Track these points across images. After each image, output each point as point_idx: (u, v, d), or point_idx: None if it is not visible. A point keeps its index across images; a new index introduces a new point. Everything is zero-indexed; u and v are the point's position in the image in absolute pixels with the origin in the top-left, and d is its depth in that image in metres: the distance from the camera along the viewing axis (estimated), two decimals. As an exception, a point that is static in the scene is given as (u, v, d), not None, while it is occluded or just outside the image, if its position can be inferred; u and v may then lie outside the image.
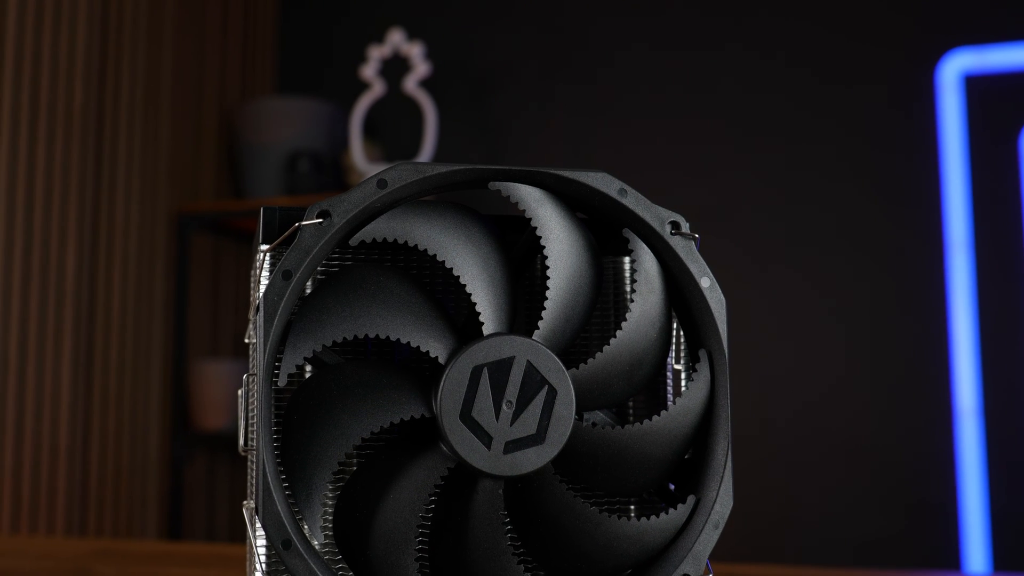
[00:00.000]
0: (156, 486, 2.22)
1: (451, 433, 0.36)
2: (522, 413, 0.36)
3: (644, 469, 0.39)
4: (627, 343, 0.38)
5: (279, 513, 0.34)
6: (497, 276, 0.37)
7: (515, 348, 0.36)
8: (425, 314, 0.37)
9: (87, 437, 2.02)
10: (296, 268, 0.35)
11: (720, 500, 0.39)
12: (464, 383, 0.36)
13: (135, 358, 2.16)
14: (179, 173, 2.33)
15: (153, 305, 2.22)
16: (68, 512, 1.96)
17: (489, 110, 2.54)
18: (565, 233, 0.38)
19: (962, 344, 2.17)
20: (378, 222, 0.36)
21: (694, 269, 0.39)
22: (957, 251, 2.19)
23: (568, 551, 0.38)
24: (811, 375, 2.28)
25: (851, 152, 2.30)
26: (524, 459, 0.36)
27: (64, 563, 0.86)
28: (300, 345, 0.35)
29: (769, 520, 2.27)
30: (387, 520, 0.36)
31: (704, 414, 0.39)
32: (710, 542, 0.38)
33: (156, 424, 2.22)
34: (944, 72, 2.26)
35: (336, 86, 2.59)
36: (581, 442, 0.37)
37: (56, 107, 1.97)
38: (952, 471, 2.16)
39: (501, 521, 0.37)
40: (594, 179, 0.38)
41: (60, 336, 1.95)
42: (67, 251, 1.98)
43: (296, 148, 2.33)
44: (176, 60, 2.33)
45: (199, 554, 0.94)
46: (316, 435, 0.36)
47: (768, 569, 0.81)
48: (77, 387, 1.99)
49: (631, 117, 2.45)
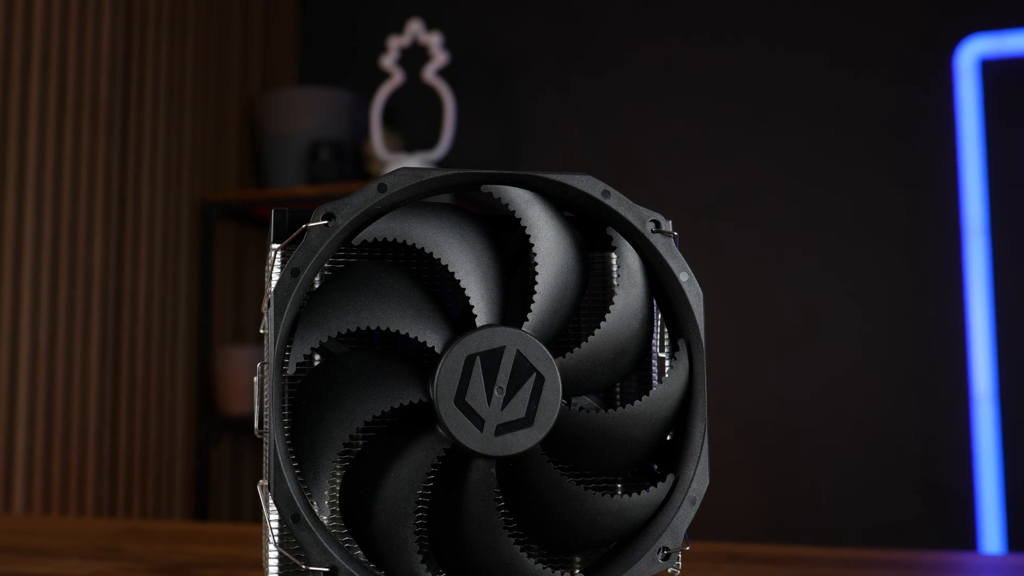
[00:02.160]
0: (182, 469, 2.26)
1: (446, 417, 0.39)
2: (512, 398, 0.39)
3: (627, 450, 0.42)
4: (611, 333, 0.41)
5: (289, 490, 0.37)
6: (489, 272, 0.41)
7: (506, 338, 0.39)
8: (423, 307, 0.40)
9: (115, 422, 2.06)
10: (303, 266, 0.38)
11: (697, 478, 0.42)
12: (458, 371, 0.39)
13: (161, 344, 2.20)
14: (203, 163, 2.36)
15: (178, 293, 2.26)
16: (97, 494, 2.00)
17: (507, 98, 2.56)
18: (553, 232, 0.41)
19: (978, 328, 2.18)
20: (379, 223, 0.40)
21: (673, 264, 0.42)
22: (973, 235, 2.20)
23: (556, 525, 0.41)
24: (828, 359, 2.30)
25: (868, 137, 2.30)
26: (514, 440, 0.39)
27: (94, 541, 0.90)
28: (308, 336, 0.39)
29: (786, 503, 2.29)
30: (388, 496, 0.39)
31: (683, 399, 0.42)
32: (688, 517, 0.41)
33: (182, 409, 2.26)
34: (961, 57, 2.26)
35: (356, 76, 2.61)
36: (568, 425, 0.41)
37: (82, 100, 2.00)
38: (968, 454, 2.18)
39: (493, 498, 0.40)
40: (579, 181, 0.41)
41: (88, 324, 1.99)
42: (94, 241, 2.02)
43: (317, 137, 2.36)
44: (199, 52, 2.36)
45: (222, 533, 0.97)
46: (323, 418, 0.39)
47: (784, 549, 0.83)
48: (105, 373, 2.03)
49: (648, 104, 2.46)
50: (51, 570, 0.75)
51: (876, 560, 0.77)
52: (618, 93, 2.49)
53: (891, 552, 0.81)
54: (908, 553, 0.82)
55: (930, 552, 0.85)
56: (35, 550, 0.85)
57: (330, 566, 0.38)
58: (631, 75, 2.48)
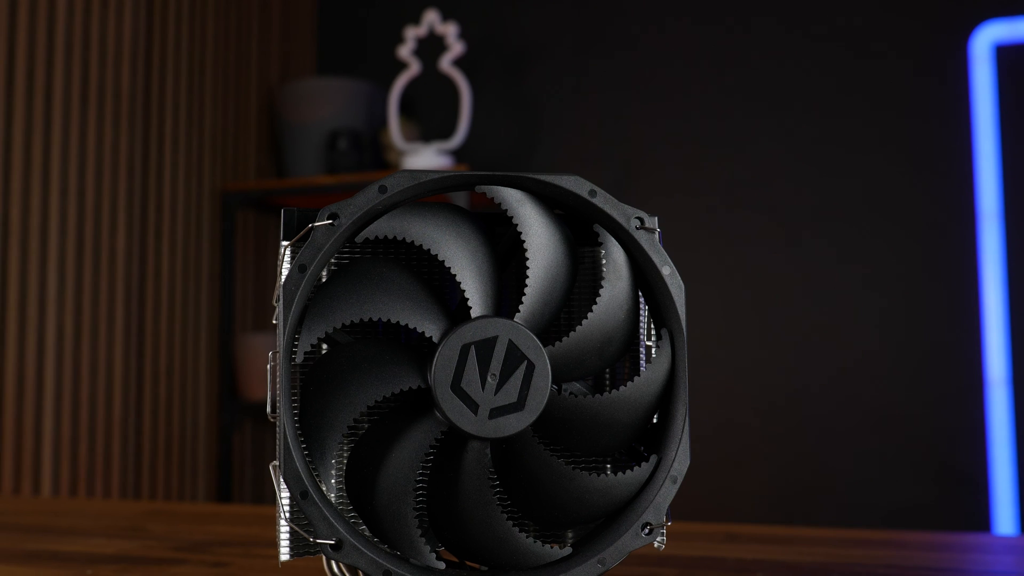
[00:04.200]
0: (205, 453, 2.30)
1: (443, 402, 0.42)
2: (504, 384, 0.42)
3: (613, 433, 0.45)
4: (598, 323, 0.44)
5: (298, 469, 0.41)
6: (484, 267, 0.44)
7: (499, 328, 0.43)
8: (421, 300, 0.43)
9: (139, 407, 2.10)
10: (310, 262, 0.42)
11: (678, 458, 0.45)
12: (454, 359, 0.42)
13: (184, 331, 2.24)
14: (223, 153, 2.40)
15: (200, 280, 2.29)
16: (122, 478, 2.05)
17: (522, 87, 2.58)
18: (543, 229, 0.44)
19: (992, 314, 2.19)
20: (380, 222, 0.43)
21: (656, 259, 0.45)
22: (988, 221, 2.21)
23: (546, 503, 0.44)
24: (843, 344, 2.31)
25: (883, 123, 2.31)
26: (507, 423, 0.42)
27: (119, 521, 0.93)
28: (314, 327, 0.42)
29: (802, 487, 2.31)
30: (390, 475, 0.42)
31: (666, 385, 0.45)
32: (669, 495, 0.44)
33: (204, 394, 2.30)
34: (976, 43, 2.26)
35: (373, 66, 2.64)
36: (557, 409, 0.44)
37: (105, 91, 2.04)
38: (982, 439, 2.19)
39: (487, 477, 0.43)
40: (567, 182, 0.44)
41: (112, 312, 2.03)
42: (118, 230, 2.06)
43: (335, 127, 2.38)
44: (219, 43, 2.39)
45: (243, 514, 1.01)
46: (329, 403, 0.42)
47: (782, 529, 0.85)
48: (129, 360, 2.07)
49: (664, 92, 2.48)
50: (80, 548, 0.78)
51: (871, 540, 0.80)
52: (634, 81, 2.50)
53: (906, 533, 0.83)
54: (921, 534, 0.83)
55: (944, 534, 0.86)
56: (65, 530, 0.89)
57: (336, 539, 0.41)
58: (647, 63, 2.50)
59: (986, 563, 0.73)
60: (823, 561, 0.70)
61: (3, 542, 0.81)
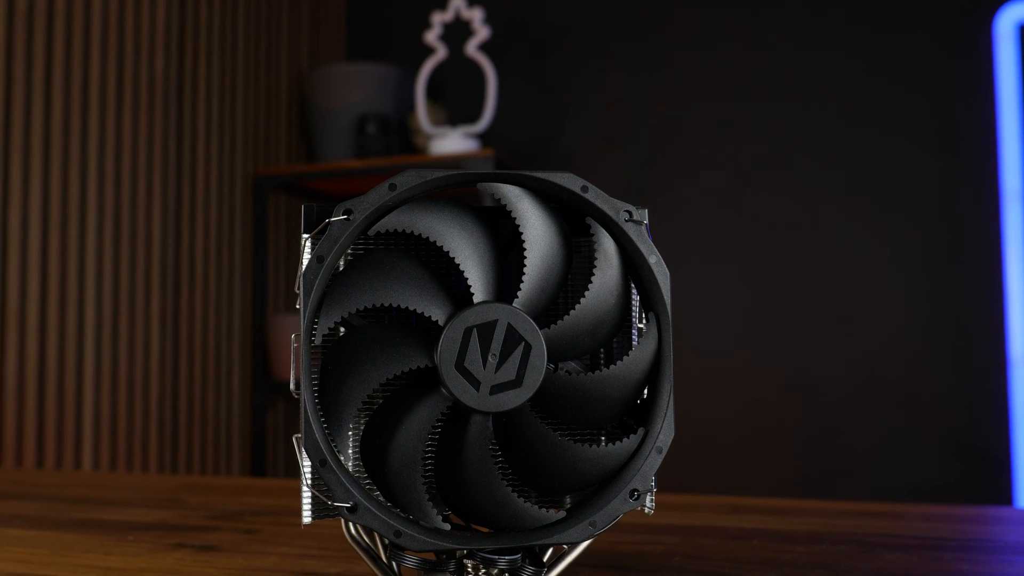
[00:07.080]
0: (239, 430, 2.37)
1: (448, 379, 0.46)
2: (504, 363, 0.47)
3: (604, 407, 0.49)
4: (590, 308, 0.49)
5: (317, 440, 0.45)
6: (485, 256, 0.48)
7: (499, 313, 0.47)
8: (428, 287, 0.47)
9: (175, 386, 2.16)
10: (327, 254, 0.46)
11: (664, 431, 0.49)
12: (458, 340, 0.46)
13: (217, 313, 2.30)
14: (255, 138, 2.45)
15: (233, 263, 2.35)
16: (160, 454, 2.11)
17: (548, 71, 2.61)
18: (540, 221, 0.48)
19: (1015, 293, 2.20)
20: (391, 216, 0.47)
21: (643, 248, 0.49)
22: (1012, 200, 2.22)
23: (542, 471, 0.48)
24: (867, 323, 2.33)
25: (907, 103, 2.32)
26: (506, 399, 0.47)
27: (157, 493, 0.99)
28: (332, 312, 0.46)
29: (826, 466, 2.34)
30: (400, 446, 0.47)
31: (653, 364, 0.49)
32: (655, 464, 0.48)
33: (238, 374, 2.36)
34: (1000, 23, 2.26)
35: (401, 51, 2.68)
36: (552, 385, 0.48)
37: (139, 78, 2.09)
38: (1005, 417, 2.21)
39: (489, 447, 0.48)
40: (561, 179, 0.48)
41: (149, 294, 2.09)
42: (153, 214, 2.11)
43: (364, 111, 2.42)
44: (249, 30, 2.44)
45: (275, 487, 1.06)
46: (345, 381, 0.47)
47: (785, 501, 0.89)
48: (165, 341, 2.13)
49: (688, 74, 2.50)
50: (121, 517, 0.84)
51: (867, 511, 0.83)
52: (658, 64, 2.53)
53: (928, 506, 0.86)
54: (943, 507, 0.86)
55: (965, 507, 0.87)
56: (107, 501, 0.94)
57: (352, 503, 0.45)
58: (671, 46, 2.52)
59: (977, 532, 0.77)
60: (817, 530, 0.73)
61: (51, 512, 0.87)
